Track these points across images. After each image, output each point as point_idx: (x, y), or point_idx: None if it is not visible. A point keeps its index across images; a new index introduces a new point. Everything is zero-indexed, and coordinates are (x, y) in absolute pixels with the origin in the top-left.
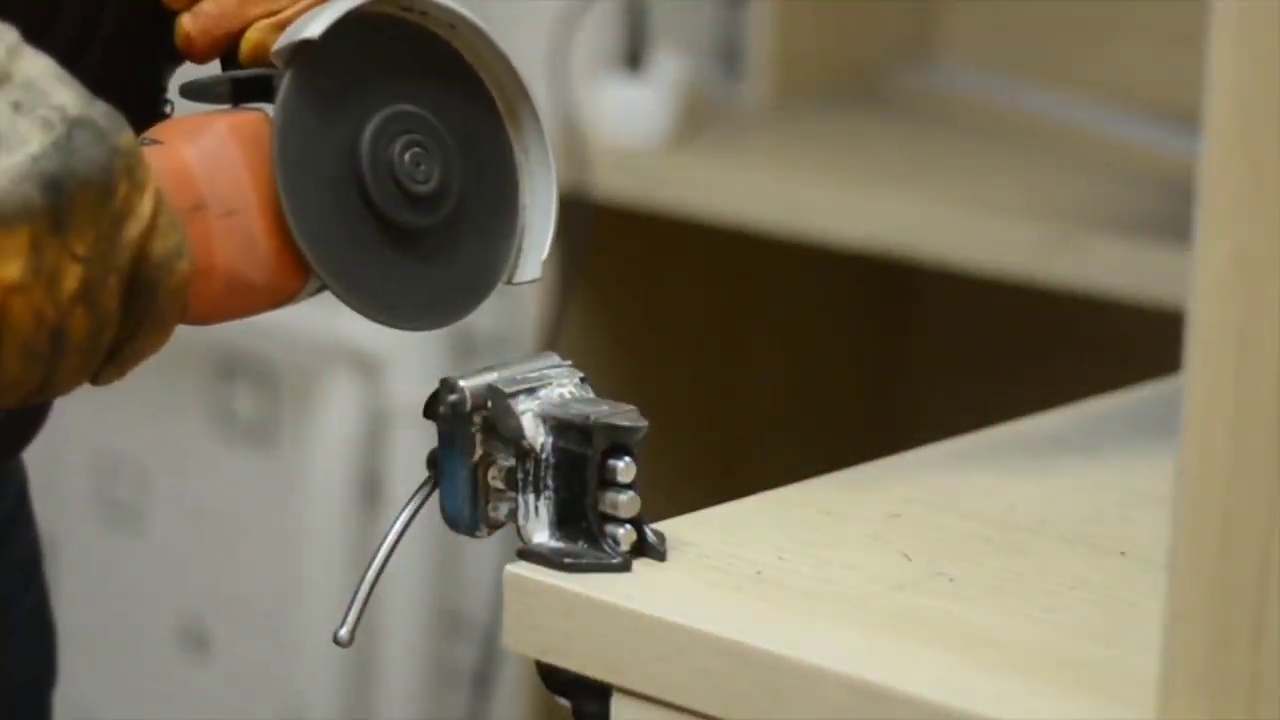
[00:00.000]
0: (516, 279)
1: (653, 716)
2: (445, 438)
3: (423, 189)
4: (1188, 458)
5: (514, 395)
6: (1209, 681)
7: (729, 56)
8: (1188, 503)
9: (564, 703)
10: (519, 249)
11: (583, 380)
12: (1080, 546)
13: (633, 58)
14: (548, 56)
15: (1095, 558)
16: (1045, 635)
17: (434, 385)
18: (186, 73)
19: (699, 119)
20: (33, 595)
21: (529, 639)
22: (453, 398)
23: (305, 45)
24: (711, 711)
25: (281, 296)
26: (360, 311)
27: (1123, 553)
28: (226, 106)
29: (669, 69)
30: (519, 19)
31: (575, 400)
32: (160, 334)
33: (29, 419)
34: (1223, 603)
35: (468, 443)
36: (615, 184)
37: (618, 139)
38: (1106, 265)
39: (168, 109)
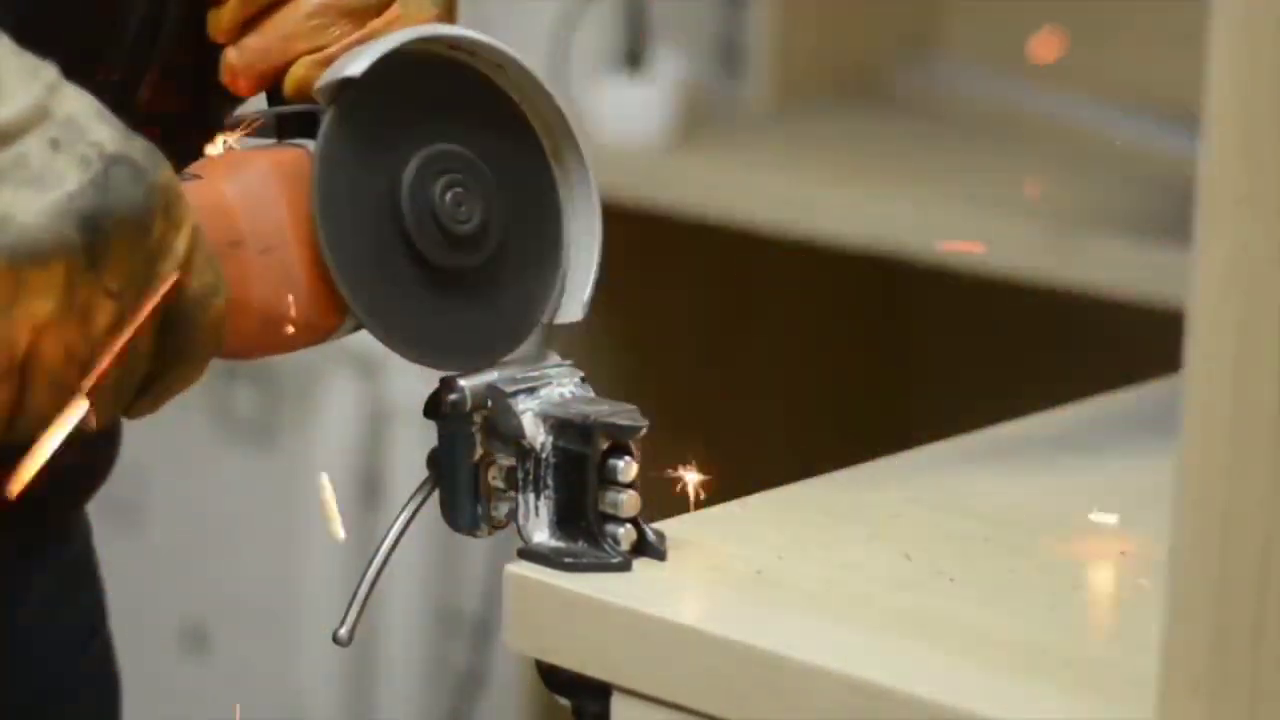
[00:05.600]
0: (558, 319)
1: (653, 716)
2: (445, 437)
3: (463, 229)
4: (1188, 458)
5: (514, 395)
6: (1208, 681)
7: (729, 56)
8: (1188, 503)
9: (564, 702)
10: (561, 289)
11: (583, 380)
12: (1080, 546)
13: (633, 58)
14: (548, 56)
15: (1095, 558)
16: (1045, 635)
17: (434, 385)
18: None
19: (699, 119)
20: (98, 646)
21: (529, 638)
22: (453, 397)
23: (348, 83)
24: (711, 711)
25: (318, 333)
26: (397, 351)
27: (1123, 553)
28: (270, 141)
29: (669, 69)
30: (519, 19)
31: (575, 400)
32: (194, 369)
33: (95, 468)
34: (1222, 603)
35: (468, 442)
36: (615, 184)
37: (618, 139)
38: (1106, 265)
39: (224, 146)
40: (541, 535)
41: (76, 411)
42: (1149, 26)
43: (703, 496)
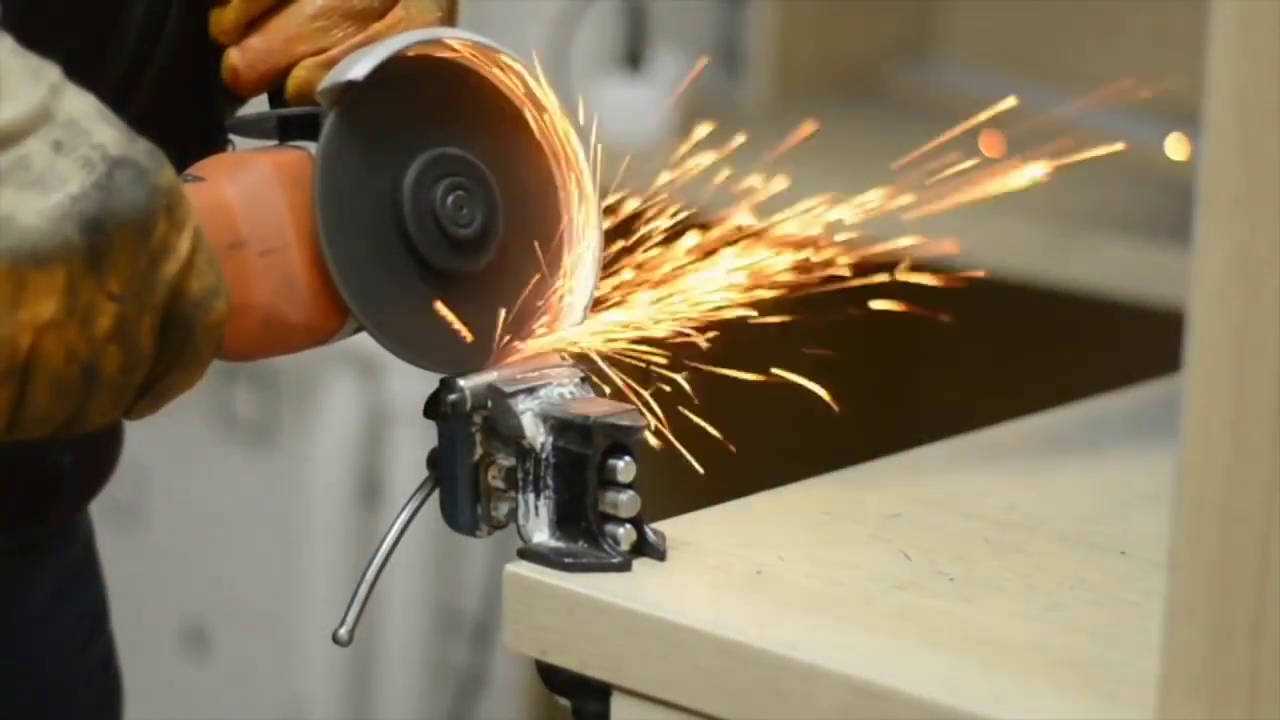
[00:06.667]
0: (558, 321)
1: (653, 716)
2: (445, 438)
3: (464, 233)
4: (1188, 458)
5: (514, 395)
6: (1209, 681)
7: (729, 56)
8: (1188, 502)
9: (564, 702)
10: (560, 292)
11: (583, 380)
12: (1080, 546)
13: (633, 58)
14: (548, 56)
15: (1095, 558)
16: (1045, 635)
17: (434, 385)
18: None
19: (699, 119)
20: (100, 647)
21: (529, 638)
22: (453, 397)
23: (350, 86)
24: (711, 711)
25: (319, 335)
26: (396, 354)
27: (1123, 553)
28: (272, 143)
29: (669, 69)
30: (519, 19)
31: (575, 400)
32: (196, 370)
33: (96, 469)
34: (1222, 602)
35: (468, 443)
36: (615, 184)
37: (618, 139)
38: (1106, 265)
39: (230, 147)
40: (541, 535)
41: None
42: (1149, 26)
43: (703, 496)
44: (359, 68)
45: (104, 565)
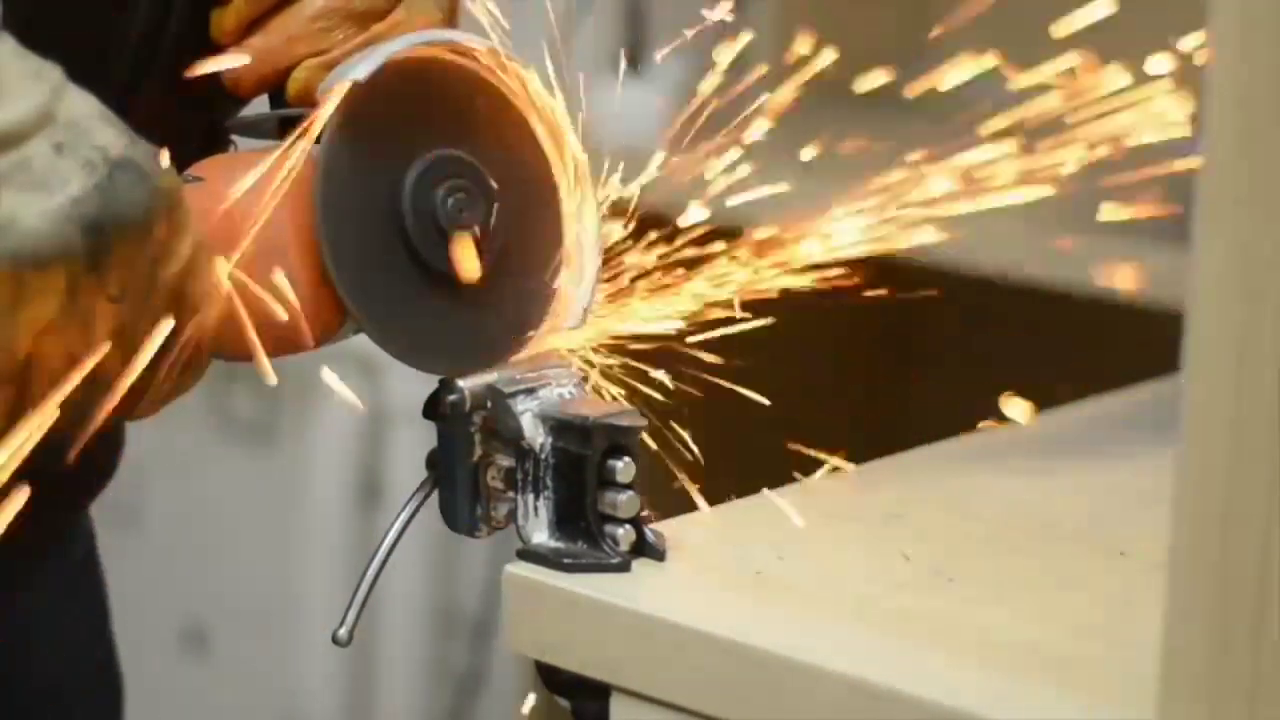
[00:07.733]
0: (558, 324)
1: (652, 716)
2: (445, 438)
3: (464, 234)
4: (1188, 458)
5: (513, 395)
6: (1209, 681)
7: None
8: (1188, 503)
9: (564, 703)
10: (561, 293)
11: (582, 380)
12: (1080, 546)
13: (633, 58)
14: (548, 56)
15: (1095, 558)
16: (1045, 635)
17: (434, 386)
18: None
19: (699, 119)
20: (101, 649)
21: (529, 639)
22: (452, 398)
23: (351, 87)
24: (711, 711)
25: (318, 337)
26: (396, 356)
27: (1123, 553)
28: (273, 144)
29: (669, 69)
30: (519, 19)
31: (574, 400)
32: (194, 372)
33: (99, 472)
34: (1223, 603)
35: (467, 443)
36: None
37: (618, 139)
38: (1106, 265)
39: (231, 148)
40: (541, 536)
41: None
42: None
43: (702, 496)
44: (360, 69)
45: (104, 565)
